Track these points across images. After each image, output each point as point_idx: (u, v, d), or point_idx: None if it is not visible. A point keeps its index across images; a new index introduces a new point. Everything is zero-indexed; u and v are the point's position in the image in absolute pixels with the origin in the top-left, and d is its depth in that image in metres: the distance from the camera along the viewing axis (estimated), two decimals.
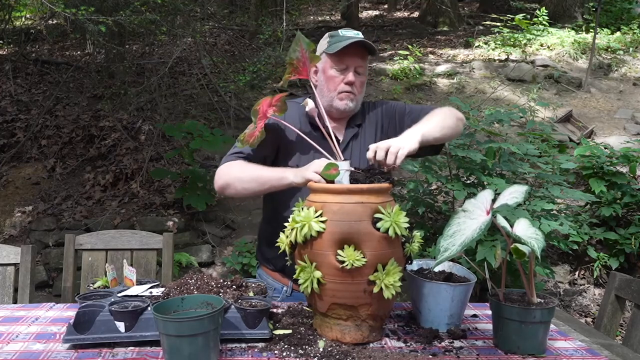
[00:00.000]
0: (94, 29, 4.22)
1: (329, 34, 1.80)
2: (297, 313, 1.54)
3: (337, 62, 1.74)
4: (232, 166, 1.72)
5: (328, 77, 1.77)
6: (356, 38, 1.72)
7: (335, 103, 1.77)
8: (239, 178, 1.69)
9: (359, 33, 1.78)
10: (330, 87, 1.77)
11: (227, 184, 1.70)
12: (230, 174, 1.70)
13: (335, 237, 1.32)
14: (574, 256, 4.21)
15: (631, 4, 9.73)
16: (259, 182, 1.66)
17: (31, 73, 7.14)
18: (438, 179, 3.22)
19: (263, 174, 1.66)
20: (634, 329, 1.74)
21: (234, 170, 1.70)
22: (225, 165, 1.73)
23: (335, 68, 1.75)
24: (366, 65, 1.80)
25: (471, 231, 1.23)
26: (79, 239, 2.22)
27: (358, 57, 1.74)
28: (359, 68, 1.76)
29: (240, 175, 1.69)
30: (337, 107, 1.78)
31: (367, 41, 1.72)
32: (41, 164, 5.53)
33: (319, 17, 11.19)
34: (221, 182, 1.71)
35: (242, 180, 1.68)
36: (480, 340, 1.42)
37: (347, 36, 1.74)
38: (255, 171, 1.68)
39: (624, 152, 4.39)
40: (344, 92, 1.76)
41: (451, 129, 1.71)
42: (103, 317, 1.34)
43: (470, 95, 6.86)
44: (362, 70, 1.77)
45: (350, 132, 1.83)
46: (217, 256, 4.47)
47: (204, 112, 6.04)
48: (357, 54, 1.73)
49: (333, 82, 1.76)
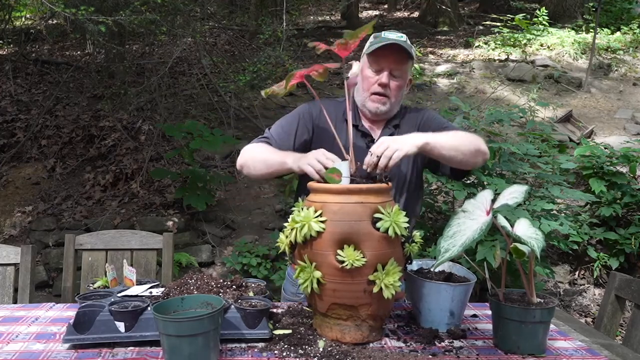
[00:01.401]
0: (94, 29, 4.21)
1: (374, 35, 1.77)
2: (297, 313, 1.54)
3: (372, 62, 1.74)
4: (253, 147, 1.76)
5: (364, 76, 1.77)
6: (394, 40, 1.69)
7: (367, 104, 1.77)
8: (253, 158, 1.73)
9: (403, 36, 1.75)
10: (365, 86, 1.77)
11: (244, 162, 1.75)
12: (248, 154, 1.75)
13: (335, 237, 1.32)
14: (574, 256, 4.21)
15: (631, 4, 9.72)
16: (266, 164, 1.69)
17: (31, 73, 7.14)
18: (438, 179, 3.22)
19: (270, 156, 1.69)
20: (634, 329, 1.74)
21: (252, 151, 1.75)
22: (249, 146, 1.78)
23: (371, 68, 1.75)
24: (405, 69, 1.77)
25: (471, 232, 1.23)
26: (79, 239, 2.22)
27: (393, 60, 1.72)
28: (395, 71, 1.74)
29: (254, 156, 1.73)
30: (368, 108, 1.77)
31: (402, 44, 1.69)
32: (41, 164, 5.53)
33: (319, 17, 11.19)
34: (241, 161, 1.76)
35: (255, 160, 1.72)
36: (480, 340, 1.42)
37: (386, 38, 1.72)
38: (265, 153, 1.71)
39: (624, 152, 4.39)
40: (376, 93, 1.75)
41: (464, 155, 1.63)
42: (103, 317, 1.34)
43: (470, 95, 6.86)
44: (398, 73, 1.75)
45: (385, 133, 1.80)
46: (217, 256, 4.47)
47: (204, 112, 6.03)
48: (393, 56, 1.72)
49: (367, 82, 1.76)
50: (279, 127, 1.82)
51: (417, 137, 1.55)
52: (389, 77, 1.73)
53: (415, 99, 6.80)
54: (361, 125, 1.80)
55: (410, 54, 1.73)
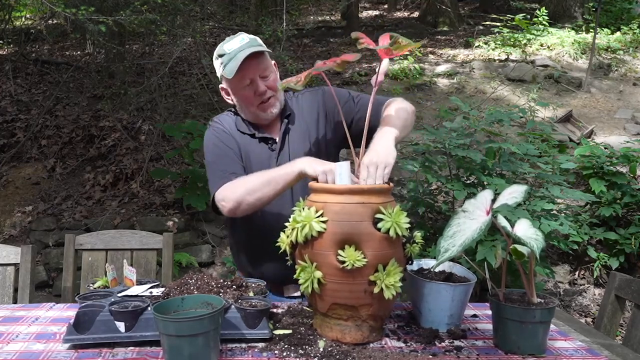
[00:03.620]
0: (94, 28, 4.22)
1: (218, 54, 1.74)
2: (297, 313, 1.54)
3: (239, 80, 1.70)
4: (232, 186, 1.64)
5: (241, 97, 1.75)
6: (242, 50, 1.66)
7: (261, 115, 1.76)
8: (248, 191, 1.59)
9: (244, 39, 1.71)
10: (248, 104, 1.75)
11: (238, 202, 1.61)
12: (237, 192, 1.61)
13: (336, 237, 1.32)
14: (574, 256, 4.21)
15: (631, 4, 9.73)
16: (273, 183, 1.56)
17: (31, 73, 7.15)
18: (438, 179, 3.22)
19: (271, 175, 1.59)
20: (634, 329, 1.74)
21: (237, 188, 1.62)
22: (223, 188, 1.65)
23: (241, 87, 1.72)
24: (267, 63, 1.74)
25: (471, 232, 1.23)
26: (79, 239, 2.22)
27: (255, 65, 1.69)
28: (262, 72, 1.72)
29: (248, 188, 1.59)
30: (265, 118, 1.77)
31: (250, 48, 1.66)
32: (41, 164, 5.53)
33: (319, 17, 11.19)
34: (231, 205, 1.62)
35: (254, 191, 1.58)
36: (480, 340, 1.42)
37: (233, 50, 1.67)
38: (260, 177, 1.60)
39: (624, 152, 4.39)
40: (262, 103, 1.74)
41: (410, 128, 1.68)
42: (103, 317, 1.34)
43: (470, 95, 6.86)
44: (266, 72, 1.73)
45: (282, 127, 1.80)
46: (217, 256, 4.47)
47: (204, 112, 6.03)
48: (252, 62, 1.67)
49: (247, 100, 1.74)
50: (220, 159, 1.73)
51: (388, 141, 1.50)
52: (261, 81, 1.71)
53: (415, 99, 6.81)
54: (257, 132, 1.79)
55: (262, 49, 1.69)
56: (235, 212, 1.63)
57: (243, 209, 1.61)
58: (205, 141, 1.81)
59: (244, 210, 1.62)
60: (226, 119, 1.84)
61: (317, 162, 1.51)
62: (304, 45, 8.74)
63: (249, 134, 1.79)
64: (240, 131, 1.79)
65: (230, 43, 1.71)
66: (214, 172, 1.72)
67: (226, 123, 1.81)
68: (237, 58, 1.65)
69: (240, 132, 1.79)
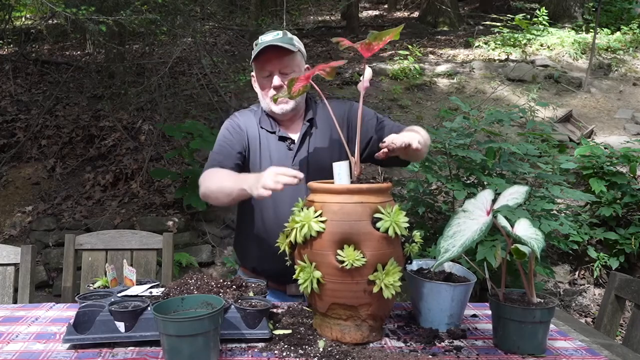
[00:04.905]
0: (94, 28, 4.22)
1: (255, 42, 1.80)
2: (297, 313, 1.54)
3: (260, 69, 1.77)
4: (206, 176, 1.72)
5: (260, 85, 1.81)
6: (270, 42, 1.70)
7: (272, 108, 1.79)
8: (209, 189, 1.68)
9: (279, 33, 1.76)
10: (264, 94, 1.80)
11: (204, 193, 1.71)
12: (204, 184, 1.71)
13: (335, 237, 1.32)
14: (574, 256, 4.21)
15: (631, 4, 9.73)
16: (225, 192, 1.63)
17: (31, 73, 7.15)
18: (438, 179, 3.22)
19: (227, 183, 1.62)
20: (634, 329, 1.74)
21: (207, 181, 1.70)
22: (203, 175, 1.74)
23: (261, 75, 1.77)
24: (294, 64, 1.77)
25: (472, 232, 1.23)
26: (79, 239, 2.22)
27: (277, 61, 1.73)
28: (284, 69, 1.75)
29: (210, 186, 1.68)
30: (275, 112, 1.79)
31: (279, 42, 1.70)
32: (41, 164, 5.53)
33: (319, 17, 11.19)
34: (201, 192, 1.73)
35: (213, 191, 1.67)
36: (480, 340, 1.42)
37: (263, 41, 1.73)
38: (220, 180, 1.66)
39: (624, 152, 4.39)
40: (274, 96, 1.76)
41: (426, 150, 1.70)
42: (103, 317, 1.34)
43: (470, 95, 6.86)
44: (287, 69, 1.75)
45: (303, 130, 1.83)
46: (217, 256, 4.47)
47: (204, 112, 6.04)
48: (275, 56, 1.72)
49: (264, 89, 1.79)
50: (219, 145, 1.81)
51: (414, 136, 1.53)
52: (280, 77, 1.74)
53: (415, 99, 6.81)
54: (279, 131, 1.82)
55: (291, 48, 1.72)
56: (204, 199, 1.73)
57: (211, 202, 1.73)
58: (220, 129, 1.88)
59: (213, 203, 1.73)
60: (247, 115, 1.87)
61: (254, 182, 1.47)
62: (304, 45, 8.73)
63: (271, 131, 1.82)
64: (262, 127, 1.82)
65: (266, 35, 1.77)
66: (210, 157, 1.80)
67: (245, 118, 1.85)
68: (262, 45, 1.71)
69: (262, 128, 1.82)
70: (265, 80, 1.77)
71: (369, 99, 6.47)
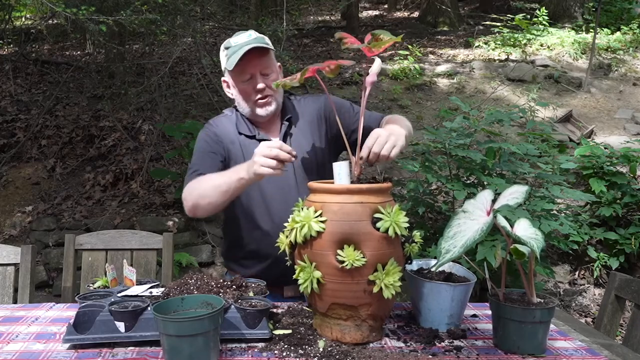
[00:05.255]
0: (94, 28, 4.22)
1: (224, 46, 1.77)
2: (297, 313, 1.54)
3: (239, 74, 1.73)
4: (191, 186, 1.67)
5: (240, 90, 1.77)
6: (247, 44, 1.68)
7: (257, 111, 1.77)
8: (201, 195, 1.63)
9: (251, 34, 1.74)
10: (245, 99, 1.77)
11: (193, 205, 1.65)
12: (193, 194, 1.65)
13: (335, 237, 1.32)
14: (574, 256, 4.21)
15: (631, 4, 9.73)
16: (220, 190, 1.59)
17: (31, 73, 7.15)
18: (438, 179, 3.22)
19: (219, 181, 1.60)
20: (634, 329, 1.74)
21: (197, 189, 1.65)
22: (186, 188, 1.69)
23: (241, 80, 1.74)
24: (271, 62, 1.76)
25: (472, 232, 1.23)
26: (79, 239, 2.22)
27: (258, 61, 1.71)
28: (264, 69, 1.73)
29: (201, 192, 1.63)
30: (260, 115, 1.77)
31: (256, 43, 1.68)
32: (41, 164, 5.53)
33: (319, 17, 11.19)
34: (189, 206, 1.67)
35: (205, 196, 1.62)
36: (480, 340, 1.42)
37: (239, 45, 1.70)
38: (211, 181, 1.62)
39: (624, 152, 4.39)
40: (259, 99, 1.75)
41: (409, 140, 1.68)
42: (103, 317, 1.34)
43: (470, 95, 6.86)
44: (268, 70, 1.74)
45: (282, 129, 1.81)
46: (217, 256, 4.46)
47: (204, 112, 6.03)
48: (256, 57, 1.70)
49: (246, 94, 1.76)
50: (199, 156, 1.77)
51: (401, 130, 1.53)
52: (262, 78, 1.73)
53: (415, 99, 6.80)
54: (258, 134, 1.80)
55: (269, 47, 1.71)
56: (193, 213, 1.68)
57: (199, 211, 1.66)
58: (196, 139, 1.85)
59: (201, 214, 1.67)
60: (222, 122, 1.84)
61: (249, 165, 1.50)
62: (304, 45, 8.74)
63: (250, 135, 1.79)
64: (241, 133, 1.80)
65: (238, 37, 1.74)
66: (188, 170, 1.76)
67: (222, 126, 1.82)
68: (240, 51, 1.68)
69: (240, 133, 1.80)
70: (246, 84, 1.74)
71: (369, 99, 6.46)
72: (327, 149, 1.85)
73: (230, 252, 1.92)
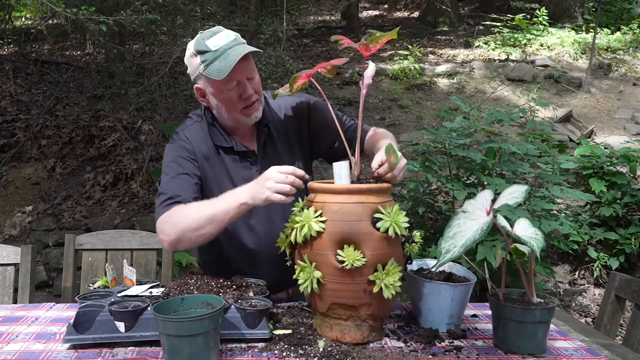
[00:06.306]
0: (94, 28, 4.22)
1: (197, 50, 1.56)
2: (297, 313, 1.54)
3: (226, 82, 1.54)
4: (171, 217, 1.49)
5: (224, 99, 1.59)
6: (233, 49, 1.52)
7: (243, 120, 1.62)
8: (188, 227, 1.46)
9: (229, 35, 1.56)
10: (231, 108, 1.60)
11: (177, 239, 1.48)
12: (177, 227, 1.47)
13: (335, 237, 1.32)
14: (574, 256, 4.21)
15: (631, 4, 9.72)
16: (216, 219, 1.43)
17: (31, 73, 7.15)
18: (438, 179, 3.21)
19: (213, 209, 1.44)
20: (634, 329, 1.74)
21: (177, 222, 1.47)
22: (164, 218, 1.50)
23: (227, 89, 1.57)
24: (253, 64, 1.61)
25: (472, 232, 1.23)
26: (79, 239, 2.22)
27: (243, 65, 1.54)
28: (250, 73, 1.59)
29: (188, 224, 1.46)
30: (247, 123, 1.64)
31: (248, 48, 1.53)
32: (41, 164, 5.53)
33: (319, 17, 11.19)
34: (170, 240, 1.49)
35: (195, 228, 1.45)
36: (480, 340, 1.42)
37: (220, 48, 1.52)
38: (200, 210, 1.45)
39: (624, 152, 4.39)
40: (246, 107, 1.60)
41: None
42: (103, 317, 1.34)
43: (470, 95, 6.86)
44: (252, 73, 1.60)
45: (262, 137, 1.69)
46: None
47: None
48: (241, 62, 1.52)
49: (231, 102, 1.59)
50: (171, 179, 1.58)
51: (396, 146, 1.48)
52: (248, 83, 1.59)
53: (415, 99, 6.80)
54: (236, 145, 1.66)
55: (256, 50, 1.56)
56: (175, 247, 1.51)
57: (184, 245, 1.49)
58: (164, 156, 1.66)
59: (185, 246, 1.49)
60: (193, 130, 1.67)
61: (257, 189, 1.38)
62: (304, 45, 8.74)
63: (227, 146, 1.65)
64: (217, 145, 1.65)
65: (213, 39, 1.55)
66: (160, 196, 1.56)
67: (193, 138, 1.65)
68: (229, 57, 1.51)
69: (217, 146, 1.65)
70: (232, 91, 1.57)
71: (369, 99, 6.46)
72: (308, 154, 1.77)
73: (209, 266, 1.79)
